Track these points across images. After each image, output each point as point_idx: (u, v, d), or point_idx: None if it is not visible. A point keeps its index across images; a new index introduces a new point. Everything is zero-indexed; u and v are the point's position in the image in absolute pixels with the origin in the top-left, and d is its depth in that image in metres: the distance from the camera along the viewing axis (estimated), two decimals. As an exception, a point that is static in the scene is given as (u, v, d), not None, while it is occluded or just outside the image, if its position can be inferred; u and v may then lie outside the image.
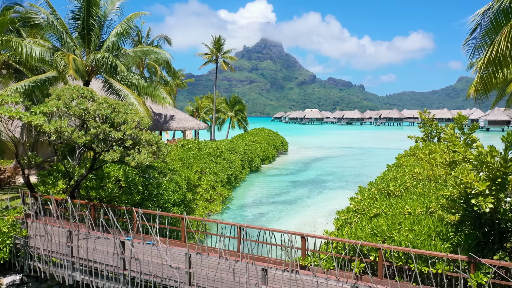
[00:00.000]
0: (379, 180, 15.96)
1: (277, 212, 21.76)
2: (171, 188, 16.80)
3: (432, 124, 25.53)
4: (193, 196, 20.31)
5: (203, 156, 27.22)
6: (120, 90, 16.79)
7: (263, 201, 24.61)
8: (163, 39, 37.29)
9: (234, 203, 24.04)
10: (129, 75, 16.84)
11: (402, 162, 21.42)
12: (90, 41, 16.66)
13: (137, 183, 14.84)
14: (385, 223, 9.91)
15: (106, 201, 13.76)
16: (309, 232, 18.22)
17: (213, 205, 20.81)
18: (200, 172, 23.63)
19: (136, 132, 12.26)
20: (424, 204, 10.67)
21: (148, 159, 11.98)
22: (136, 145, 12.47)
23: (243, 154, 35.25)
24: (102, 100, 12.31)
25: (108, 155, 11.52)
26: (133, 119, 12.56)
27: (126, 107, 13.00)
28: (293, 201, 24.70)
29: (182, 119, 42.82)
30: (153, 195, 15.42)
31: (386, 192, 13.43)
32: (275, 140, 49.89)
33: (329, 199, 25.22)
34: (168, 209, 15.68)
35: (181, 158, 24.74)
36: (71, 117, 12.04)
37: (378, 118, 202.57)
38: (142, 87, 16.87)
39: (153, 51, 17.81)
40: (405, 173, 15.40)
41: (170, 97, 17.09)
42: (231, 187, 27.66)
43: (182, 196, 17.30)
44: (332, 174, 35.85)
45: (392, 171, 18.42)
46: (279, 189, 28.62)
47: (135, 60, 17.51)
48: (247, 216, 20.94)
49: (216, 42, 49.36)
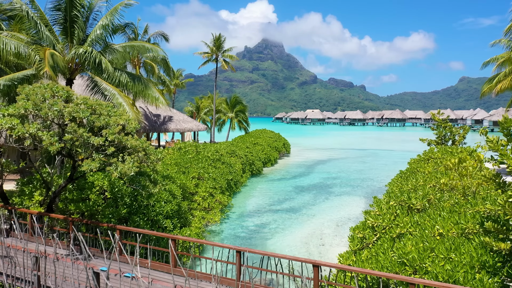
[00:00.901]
0: (396, 190, 14.28)
1: (281, 222, 20.08)
2: (164, 198, 15.13)
3: (446, 126, 23.81)
4: (189, 205, 18.63)
5: (201, 160, 25.54)
6: (107, 89, 15.10)
7: (265, 209, 22.93)
8: (160, 36, 35.62)
9: (234, 211, 22.37)
10: (117, 73, 15.16)
11: (416, 167, 19.72)
12: (73, 35, 15.00)
13: (125, 194, 13.18)
14: (414, 248, 8.22)
15: (87, 215, 12.09)
16: (317, 245, 16.58)
17: (211, 214, 19.10)
18: (198, 178, 21.94)
19: (120, 137, 10.58)
20: (459, 224, 8.96)
21: (133, 169, 10.30)
22: (120, 152, 10.80)
23: (244, 157, 33.57)
24: (80, 100, 10.64)
25: (86, 164, 9.85)
26: (117, 122, 10.89)
27: (110, 108, 11.33)
28: (298, 209, 23.01)
29: (180, 120, 41.21)
30: (143, 207, 13.74)
31: (407, 205, 11.74)
32: (277, 142, 48.20)
33: (336, 207, 23.53)
34: (159, 222, 14.01)
35: (177, 162, 23.05)
36: (46, 120, 10.38)
37: (380, 118, 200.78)
38: (131, 86, 15.19)
39: (144, 46, 16.14)
40: (425, 182, 13.70)
41: (163, 97, 15.45)
42: (231, 193, 25.99)
43: (176, 207, 15.63)
44: (337, 178, 34.16)
45: (409, 179, 16.72)
46: (282, 195, 26.93)
47: (125, 56, 15.85)
48: (248, 227, 19.27)
49: (216, 41, 47.68)
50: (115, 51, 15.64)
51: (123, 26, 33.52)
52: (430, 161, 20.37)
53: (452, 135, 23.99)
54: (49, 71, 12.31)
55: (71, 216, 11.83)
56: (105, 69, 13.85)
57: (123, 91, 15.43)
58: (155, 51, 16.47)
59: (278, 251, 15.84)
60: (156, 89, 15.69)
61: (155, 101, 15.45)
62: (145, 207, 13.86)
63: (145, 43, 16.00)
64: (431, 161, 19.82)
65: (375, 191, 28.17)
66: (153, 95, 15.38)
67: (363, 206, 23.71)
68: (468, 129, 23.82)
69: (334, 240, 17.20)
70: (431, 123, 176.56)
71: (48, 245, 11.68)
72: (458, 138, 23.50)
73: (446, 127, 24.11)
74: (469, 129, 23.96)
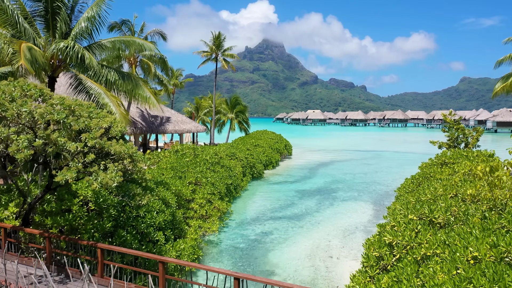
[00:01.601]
0: (412, 199, 12.92)
1: (284, 231, 18.71)
2: (156, 207, 13.79)
3: (458, 128, 22.42)
4: (184, 213, 17.28)
5: (199, 163, 24.19)
6: (92, 88, 13.74)
7: (266, 216, 21.57)
8: (157, 34, 34.30)
9: (234, 218, 21.02)
10: (104, 70, 13.81)
11: (429, 172, 18.36)
12: (56, 28, 13.65)
13: (111, 205, 11.82)
14: (447, 278, 6.86)
15: (67, 230, 10.74)
16: (324, 259, 15.19)
17: (209, 223, 17.73)
18: (195, 184, 20.59)
19: (102, 142, 9.24)
20: (498, 246, 7.59)
21: (117, 179, 8.96)
22: (103, 159, 9.46)
23: (244, 160, 32.22)
24: (57, 100, 9.29)
25: (60, 174, 8.51)
26: (99, 125, 9.55)
27: (92, 109, 9.99)
28: (301, 215, 21.65)
29: (178, 121, 39.91)
30: (132, 219, 12.39)
31: (428, 220, 10.37)
32: (278, 144, 46.83)
33: (342, 213, 22.16)
34: (150, 235, 12.66)
35: (174, 167, 21.69)
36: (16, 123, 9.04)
37: (382, 119, 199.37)
38: (119, 84, 13.83)
39: (135, 42, 14.77)
40: (445, 192, 12.33)
41: (155, 97, 14.11)
42: (231, 198, 24.64)
43: (170, 217, 14.29)
44: (341, 182, 32.78)
45: (422, 185, 15.36)
46: (284, 200, 25.56)
47: (115, 52, 14.50)
48: (249, 236, 17.90)
49: (215, 39, 46.31)
50: (103, 46, 14.29)
51: (119, 24, 32.29)
52: (443, 166, 19.00)
53: (465, 138, 22.61)
54: (26, 65, 10.91)
55: (49, 231, 10.47)
56: (89, 65, 12.46)
57: (113, 91, 14.10)
58: (148, 47, 15.10)
59: (281, 266, 14.53)
60: (147, 88, 14.34)
61: (145, 101, 14.09)
62: (134, 218, 12.51)
63: (136, 38, 14.66)
64: (445, 166, 18.44)
65: (382, 196, 26.81)
66: (144, 95, 14.01)
67: (370, 212, 22.37)
68: (482, 131, 22.45)
69: (341, 252, 15.83)
70: (433, 123, 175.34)
71: (22, 264, 10.35)
72: (472, 140, 22.13)
73: (458, 129, 22.72)
74: (483, 131, 22.60)
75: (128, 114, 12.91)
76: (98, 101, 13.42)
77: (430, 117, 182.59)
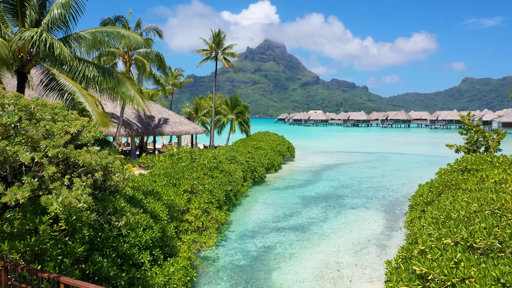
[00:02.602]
0: (441, 215, 11.07)
1: (288, 245, 16.88)
2: (143, 223, 11.99)
3: (478, 130, 20.54)
4: (177, 226, 15.46)
5: (196, 169, 22.39)
6: (65, 85, 11.91)
7: (269, 227, 19.75)
8: (153, 31, 32.55)
9: (233, 229, 19.20)
10: (81, 65, 12.03)
11: (450, 180, 16.51)
12: (25, 17, 11.88)
13: (86, 223, 10.01)
14: None
15: (29, 256, 8.93)
16: (335, 280, 13.35)
17: (205, 237, 15.86)
18: (191, 192, 18.79)
19: (67, 151, 7.45)
20: None
21: (84, 197, 7.17)
22: (67, 172, 7.67)
23: (245, 164, 30.41)
24: (11, 99, 7.50)
25: (10, 193, 6.71)
26: (64, 130, 7.76)
27: (59, 110, 8.20)
28: (306, 226, 19.82)
29: (176, 122, 38.16)
30: (112, 239, 10.57)
31: (467, 244, 8.54)
32: (281, 146, 45.00)
33: (351, 224, 20.34)
34: (134, 257, 10.83)
35: (167, 173, 19.87)
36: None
37: (385, 119, 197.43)
38: (99, 81, 12.04)
39: (119, 33, 12.93)
40: (481, 207, 10.48)
41: (140, 96, 12.31)
42: (230, 206, 22.84)
43: (159, 233, 12.48)
44: (347, 187, 30.95)
45: (444, 195, 13.51)
46: (288, 208, 23.74)
47: (96, 45, 12.73)
48: (249, 252, 16.08)
49: (215, 37, 44.48)
50: (83, 38, 12.51)
51: (112, 20, 30.54)
52: (465, 172, 17.15)
53: (485, 141, 20.74)
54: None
55: (5, 258, 8.67)
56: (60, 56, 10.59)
57: (92, 89, 12.31)
58: (135, 39, 13.27)
59: (286, 289, 12.69)
60: (132, 86, 12.53)
61: (129, 100, 12.31)
62: (115, 238, 10.69)
63: (121, 29, 12.88)
64: (468, 173, 16.59)
65: (392, 203, 24.97)
66: (128, 93, 12.18)
67: (382, 222, 20.52)
68: (504, 134, 20.54)
69: (355, 271, 13.99)
70: (437, 124, 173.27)
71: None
72: (492, 144, 20.27)
73: (478, 131, 20.85)
74: (505, 133, 20.70)
75: (107, 115, 11.15)
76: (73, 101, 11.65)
77: (434, 118, 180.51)
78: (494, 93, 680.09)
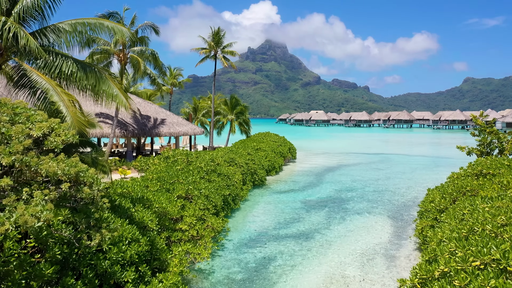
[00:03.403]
0: (463, 229, 9.83)
1: (289, 256, 15.65)
2: (128, 235, 10.77)
3: (492, 132, 19.27)
4: (169, 236, 14.24)
5: (192, 172, 21.21)
6: (38, 82, 10.69)
7: (269, 234, 18.52)
8: (149, 28, 31.34)
9: (231, 238, 17.99)
10: (58, 60, 10.81)
11: (465, 186, 15.26)
12: (-5, 6, 10.67)
13: (59, 239, 8.79)
14: None
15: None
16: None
17: (200, 247, 14.64)
18: (185, 198, 17.57)
19: (26, 159, 6.25)
20: None
21: (44, 215, 5.97)
22: (26, 184, 6.46)
23: (244, 166, 29.19)
24: (-41, 97, 6.29)
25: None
26: (25, 133, 6.56)
27: (21, 110, 7.00)
28: (309, 234, 18.60)
29: (174, 123, 36.97)
30: (90, 256, 9.35)
31: (499, 267, 7.31)
32: (282, 147, 43.77)
33: (356, 231, 19.11)
34: (115, 275, 9.62)
35: (161, 177, 18.65)
36: None
37: (387, 120, 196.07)
38: (78, 78, 10.82)
39: (103, 25, 11.66)
40: (509, 218, 9.23)
41: (125, 95, 11.05)
42: (229, 211, 21.63)
43: (147, 247, 11.27)
44: (351, 190, 29.70)
45: (460, 204, 12.25)
46: (289, 213, 22.51)
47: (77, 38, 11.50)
48: (248, 264, 14.85)
49: (214, 35, 43.26)
50: (61, 30, 11.29)
51: (106, 16, 29.35)
52: (480, 177, 15.88)
53: (499, 143, 19.47)
54: None
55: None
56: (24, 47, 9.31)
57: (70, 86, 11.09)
58: (120, 31, 12.00)
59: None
60: (114, 84, 11.30)
61: (112, 99, 11.08)
62: (94, 254, 9.47)
63: (105, 20, 11.66)
64: (484, 178, 15.33)
65: (399, 208, 23.72)
66: (110, 91, 10.94)
67: (389, 230, 19.28)
68: (520, 135, 19.30)
69: (362, 287, 12.75)
70: (439, 124, 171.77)
71: None
72: (507, 146, 18.99)
73: (491, 133, 19.58)
74: (520, 135, 19.44)
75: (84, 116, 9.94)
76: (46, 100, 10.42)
77: (436, 118, 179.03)
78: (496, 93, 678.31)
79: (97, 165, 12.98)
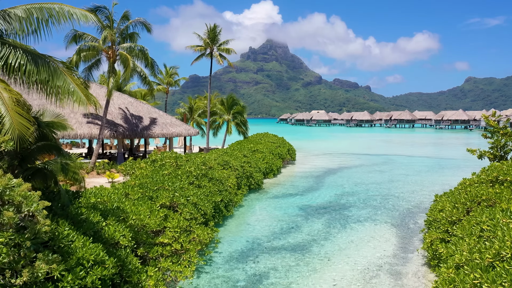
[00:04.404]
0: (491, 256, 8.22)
1: (284, 272, 14.03)
2: (90, 257, 9.17)
3: (506, 133, 17.63)
4: (146, 253, 12.63)
5: (181, 177, 19.62)
6: (-23, 77, 9.19)
7: (263, 246, 16.91)
8: (140, 24, 29.74)
9: (220, 250, 16.38)
10: (4, 49, 9.19)
11: (479, 195, 13.64)
12: None
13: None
14: None
15: None
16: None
17: (183, 263, 13.03)
18: (169, 207, 15.97)
19: None
20: None
21: None
22: None
23: (240, 169, 27.60)
24: None
25: None
26: None
27: None
28: (306, 245, 16.99)
29: (167, 123, 35.38)
30: (35, 286, 7.75)
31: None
32: (280, 148, 42.15)
33: (358, 242, 17.49)
34: (70, 309, 8.01)
35: (143, 183, 17.05)
36: None
37: (388, 119, 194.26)
38: (27, 72, 9.24)
39: (63, 10, 10.07)
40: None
41: (84, 92, 9.41)
42: (220, 219, 20.04)
43: (114, 269, 9.67)
44: (353, 195, 28.09)
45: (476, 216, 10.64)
46: (286, 221, 20.91)
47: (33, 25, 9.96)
48: (237, 282, 13.24)
49: (210, 32, 41.64)
50: (13, 16, 9.72)
51: (93, 10, 27.73)
52: (496, 184, 14.24)
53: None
54: None
55: None
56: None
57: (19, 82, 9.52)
58: (83, 16, 10.40)
59: None
60: (73, 79, 9.72)
61: (68, 96, 9.48)
62: (43, 284, 7.88)
63: (66, 5, 10.14)
64: (501, 185, 13.69)
65: (404, 215, 22.09)
66: (66, 88, 9.37)
67: (394, 241, 17.66)
68: (537, 138, 17.65)
69: (365, 313, 11.12)
70: (442, 124, 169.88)
71: None
72: (523, 149, 17.39)
73: (505, 134, 17.94)
74: (538, 137, 17.79)
75: (26, 116, 8.41)
76: None
77: (439, 118, 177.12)
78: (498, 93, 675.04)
79: (68, 171, 11.39)
